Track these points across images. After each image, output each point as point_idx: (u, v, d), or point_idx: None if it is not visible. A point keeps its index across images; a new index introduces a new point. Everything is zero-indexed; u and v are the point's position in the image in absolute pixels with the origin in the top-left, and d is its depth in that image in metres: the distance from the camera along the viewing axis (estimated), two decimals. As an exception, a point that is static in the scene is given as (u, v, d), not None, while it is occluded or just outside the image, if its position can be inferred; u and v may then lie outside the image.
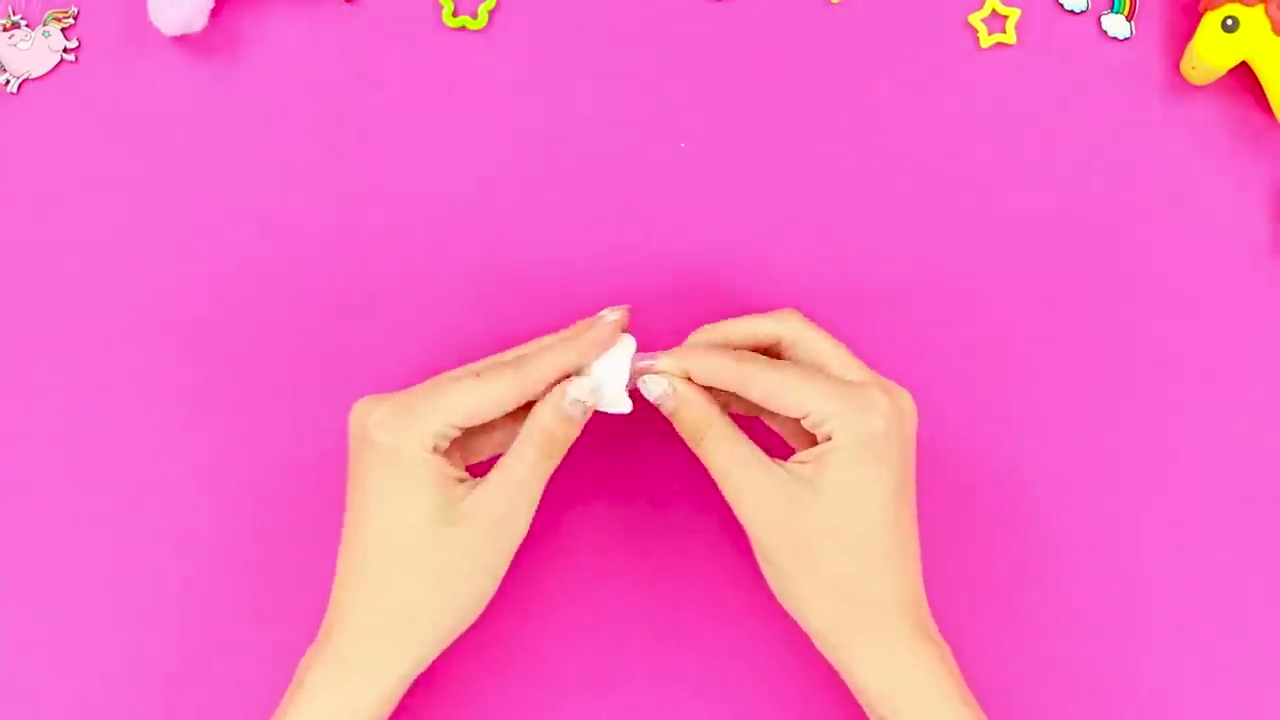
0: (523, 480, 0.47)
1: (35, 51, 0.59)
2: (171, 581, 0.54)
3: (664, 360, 0.48)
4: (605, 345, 0.48)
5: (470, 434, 0.49)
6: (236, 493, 0.55)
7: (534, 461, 0.47)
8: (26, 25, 0.59)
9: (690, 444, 0.49)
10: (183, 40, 0.59)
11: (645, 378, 0.48)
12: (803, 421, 0.47)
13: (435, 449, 0.46)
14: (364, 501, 0.47)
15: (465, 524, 0.46)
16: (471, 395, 0.47)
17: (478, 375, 0.47)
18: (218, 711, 0.53)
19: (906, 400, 0.48)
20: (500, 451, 0.49)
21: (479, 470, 0.49)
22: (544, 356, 0.47)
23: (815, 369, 0.48)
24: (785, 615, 0.49)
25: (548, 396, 0.47)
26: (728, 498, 0.48)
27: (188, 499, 0.55)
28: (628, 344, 0.49)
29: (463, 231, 0.58)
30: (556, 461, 0.48)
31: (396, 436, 0.46)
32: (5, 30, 0.59)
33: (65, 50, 0.59)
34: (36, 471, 0.55)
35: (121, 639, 0.54)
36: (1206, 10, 0.57)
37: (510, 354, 0.50)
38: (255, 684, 0.53)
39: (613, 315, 0.49)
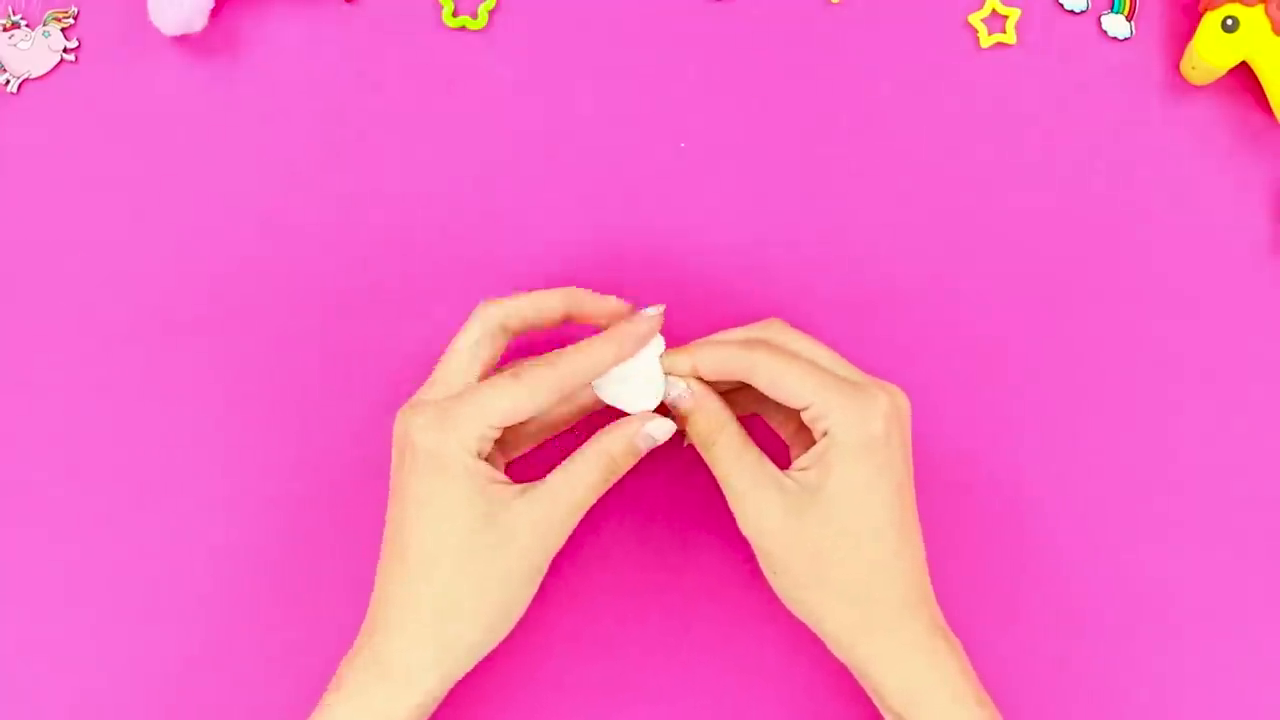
0: (578, 501, 0.47)
1: (35, 51, 0.59)
2: (171, 581, 0.54)
3: (674, 358, 0.49)
4: (644, 340, 0.48)
5: (507, 430, 0.49)
6: (236, 493, 0.55)
7: (595, 483, 0.47)
8: (26, 25, 0.59)
9: (700, 448, 0.49)
10: (183, 40, 0.59)
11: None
12: (803, 414, 0.47)
13: (480, 454, 0.46)
14: (406, 507, 0.47)
15: (510, 532, 0.46)
16: (510, 397, 0.46)
17: (515, 376, 0.47)
18: (218, 711, 0.53)
19: (902, 399, 0.48)
20: (534, 444, 0.50)
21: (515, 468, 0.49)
22: (581, 354, 0.48)
23: (817, 364, 0.48)
24: (798, 621, 0.48)
25: (618, 428, 0.48)
26: (730, 505, 0.48)
27: (188, 499, 0.55)
28: (658, 343, 0.49)
29: (463, 231, 0.58)
30: (611, 484, 0.48)
31: (439, 442, 0.46)
32: (5, 30, 0.59)
33: (65, 50, 0.59)
34: (36, 471, 0.55)
35: (121, 639, 0.54)
36: (1206, 10, 0.57)
37: (546, 356, 0.49)
38: (255, 684, 0.53)
39: (652, 311, 0.49)
